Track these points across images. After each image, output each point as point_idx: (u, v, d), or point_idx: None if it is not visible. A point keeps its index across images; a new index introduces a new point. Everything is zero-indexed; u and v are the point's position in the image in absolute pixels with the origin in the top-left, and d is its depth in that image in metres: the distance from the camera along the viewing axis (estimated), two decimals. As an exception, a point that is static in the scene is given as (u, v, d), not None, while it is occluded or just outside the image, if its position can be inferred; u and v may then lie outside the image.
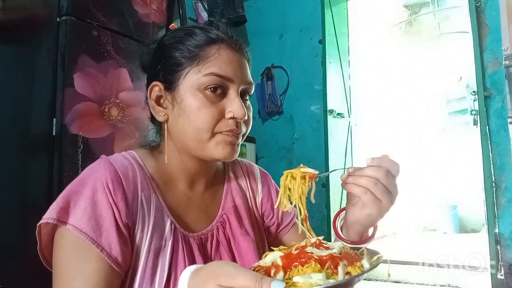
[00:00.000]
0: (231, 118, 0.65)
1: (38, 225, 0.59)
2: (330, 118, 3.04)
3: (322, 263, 0.46)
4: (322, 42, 3.10)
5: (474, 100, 2.42)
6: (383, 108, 5.20)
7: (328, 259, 0.47)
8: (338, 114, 3.17)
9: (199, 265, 0.49)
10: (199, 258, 0.65)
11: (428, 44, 5.22)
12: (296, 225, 0.65)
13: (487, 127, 2.29)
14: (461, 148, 4.83)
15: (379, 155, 0.62)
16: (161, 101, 0.69)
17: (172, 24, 1.73)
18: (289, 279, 0.44)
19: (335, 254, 0.49)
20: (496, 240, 2.21)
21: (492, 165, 2.26)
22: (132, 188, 0.63)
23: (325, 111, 3.02)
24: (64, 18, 1.37)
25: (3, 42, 1.57)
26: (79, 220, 0.57)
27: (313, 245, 0.52)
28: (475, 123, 2.44)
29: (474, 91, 2.42)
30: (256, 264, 0.50)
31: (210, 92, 0.64)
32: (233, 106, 0.64)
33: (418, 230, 5.19)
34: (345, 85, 3.34)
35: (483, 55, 2.34)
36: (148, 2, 1.68)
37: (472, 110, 2.57)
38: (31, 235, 0.63)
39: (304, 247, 0.51)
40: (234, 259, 0.70)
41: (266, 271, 0.47)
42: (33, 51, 1.47)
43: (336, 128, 3.14)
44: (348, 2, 3.47)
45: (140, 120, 1.53)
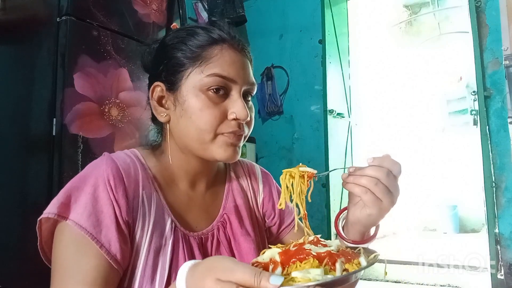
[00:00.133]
0: (233, 119, 0.64)
1: (38, 220, 0.59)
2: (330, 118, 3.04)
3: (320, 259, 0.46)
4: (322, 42, 3.10)
5: (474, 100, 2.42)
6: (383, 108, 5.20)
7: (326, 256, 0.47)
8: (338, 114, 3.17)
9: (197, 260, 0.49)
10: (199, 258, 0.65)
11: (428, 44, 5.21)
12: (298, 225, 0.65)
13: (487, 127, 2.29)
14: (461, 148, 4.82)
15: (381, 155, 0.61)
16: (163, 101, 0.68)
17: (174, 23, 1.73)
18: (287, 274, 0.44)
19: (333, 251, 0.49)
20: (496, 240, 2.21)
21: (492, 165, 2.26)
22: (133, 186, 0.63)
23: (325, 111, 3.02)
24: (64, 18, 1.37)
25: (3, 42, 1.56)
26: (79, 215, 0.57)
27: (311, 242, 0.52)
28: (475, 123, 2.44)
29: (474, 91, 2.42)
30: (254, 260, 0.49)
31: (212, 93, 0.64)
32: (235, 107, 0.64)
33: (418, 230, 5.19)
34: (345, 85, 3.34)
35: (483, 55, 2.34)
36: (148, 2, 1.68)
37: (472, 110, 2.57)
38: (31, 235, 0.63)
39: (302, 245, 0.50)
40: None
41: (264, 267, 0.46)
42: (33, 51, 1.47)
43: (336, 128, 3.14)
44: (348, 2, 3.47)
45: (140, 120, 1.53)
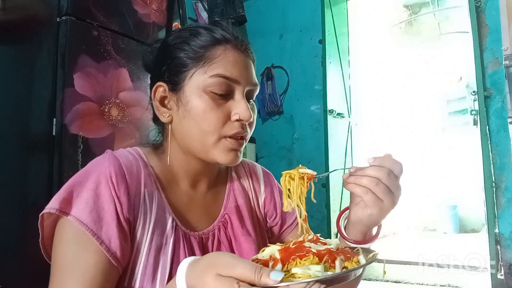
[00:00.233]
0: (237, 120, 0.64)
1: (40, 215, 0.59)
2: (330, 118, 3.05)
3: (320, 256, 0.46)
4: (322, 42, 3.10)
5: (474, 100, 2.42)
6: (383, 108, 5.19)
7: (326, 253, 0.47)
8: (338, 114, 3.17)
9: (197, 256, 0.49)
10: None
11: (428, 44, 5.21)
12: (301, 225, 0.65)
13: (487, 127, 2.29)
14: (461, 148, 4.82)
15: (382, 155, 0.61)
16: (165, 102, 0.68)
17: (175, 23, 1.73)
18: (287, 271, 0.44)
19: (332, 249, 0.49)
20: (496, 240, 2.21)
21: (492, 165, 2.26)
22: (135, 183, 0.63)
23: (325, 111, 3.02)
24: (64, 18, 1.37)
25: (3, 42, 1.56)
26: (80, 211, 0.57)
27: (310, 241, 0.52)
28: (475, 123, 2.45)
29: (474, 91, 2.42)
30: (254, 257, 0.49)
31: (215, 93, 0.63)
32: (238, 108, 0.64)
33: (418, 230, 5.18)
34: (345, 85, 3.34)
35: (483, 55, 2.34)
36: (148, 2, 1.68)
37: (472, 110, 2.57)
38: (31, 235, 0.63)
39: (301, 243, 0.51)
40: None
41: (264, 264, 0.46)
42: (33, 51, 1.47)
43: (336, 128, 3.15)
44: (348, 2, 3.47)
45: (140, 120, 1.53)
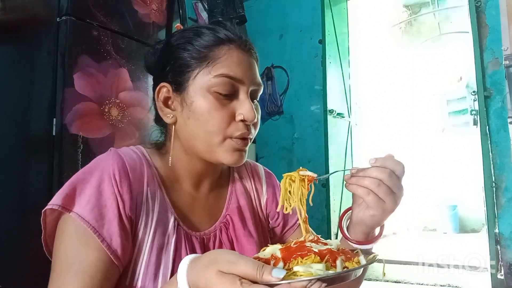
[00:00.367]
0: (241, 120, 0.64)
1: (43, 211, 0.59)
2: (330, 118, 3.04)
3: (321, 256, 0.47)
4: (322, 42, 3.10)
5: (474, 100, 2.41)
6: (383, 108, 5.19)
7: (327, 253, 0.47)
8: (338, 114, 3.17)
9: (198, 254, 0.49)
10: None
11: (428, 44, 5.21)
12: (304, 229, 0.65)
13: (487, 127, 2.29)
14: (461, 148, 4.82)
15: (383, 155, 0.61)
16: (169, 102, 0.68)
17: (178, 24, 1.73)
18: (288, 269, 0.44)
19: (333, 249, 0.49)
20: (496, 240, 2.21)
21: (492, 165, 2.26)
22: (138, 182, 0.63)
23: (325, 111, 3.02)
24: (64, 18, 1.36)
25: (3, 42, 1.56)
26: (82, 208, 0.57)
27: (311, 241, 0.52)
28: (475, 123, 2.44)
29: (474, 91, 2.42)
30: (255, 256, 0.50)
31: (220, 93, 0.63)
32: (243, 108, 0.64)
33: (418, 230, 5.18)
34: (345, 85, 3.34)
35: (483, 55, 2.34)
36: (148, 2, 1.68)
37: (472, 110, 2.57)
38: (31, 235, 0.63)
39: (302, 243, 0.51)
40: None
41: (266, 262, 0.46)
42: (33, 51, 1.47)
43: (336, 128, 3.14)
44: (348, 2, 3.47)
45: (140, 120, 1.53)
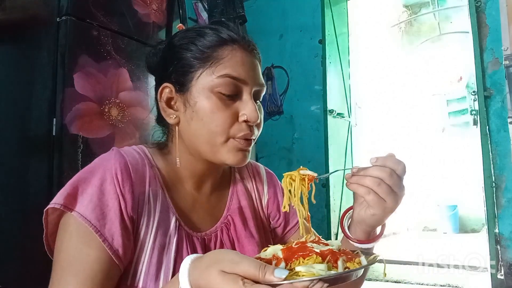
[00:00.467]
0: (244, 121, 0.64)
1: (45, 210, 0.59)
2: (330, 118, 3.04)
3: (323, 256, 0.47)
4: (322, 42, 3.10)
5: (474, 100, 2.41)
6: (383, 108, 5.19)
7: (329, 254, 0.47)
8: (338, 114, 3.17)
9: (200, 254, 0.49)
10: None
11: (428, 44, 5.22)
12: (303, 225, 0.65)
13: (487, 127, 2.28)
14: (461, 148, 4.82)
15: (384, 155, 0.61)
16: (172, 103, 0.68)
17: (180, 24, 1.72)
18: (290, 270, 0.44)
19: (334, 250, 0.49)
20: (496, 240, 2.21)
21: (492, 165, 2.26)
22: (140, 182, 0.63)
23: (325, 111, 3.02)
24: (64, 18, 1.36)
25: (3, 42, 1.56)
26: (84, 207, 0.57)
27: (312, 241, 0.53)
28: (475, 123, 2.44)
29: (474, 91, 2.42)
30: (257, 256, 0.50)
31: (223, 94, 0.63)
32: (246, 109, 0.64)
33: (418, 230, 5.19)
34: (345, 85, 3.34)
35: (483, 55, 2.34)
36: (148, 2, 1.68)
37: (472, 110, 2.57)
38: (31, 235, 0.63)
39: (304, 243, 0.51)
40: None
41: (267, 262, 0.47)
42: (33, 51, 1.47)
43: (336, 128, 3.14)
44: (348, 2, 3.47)
45: (140, 120, 1.53)
